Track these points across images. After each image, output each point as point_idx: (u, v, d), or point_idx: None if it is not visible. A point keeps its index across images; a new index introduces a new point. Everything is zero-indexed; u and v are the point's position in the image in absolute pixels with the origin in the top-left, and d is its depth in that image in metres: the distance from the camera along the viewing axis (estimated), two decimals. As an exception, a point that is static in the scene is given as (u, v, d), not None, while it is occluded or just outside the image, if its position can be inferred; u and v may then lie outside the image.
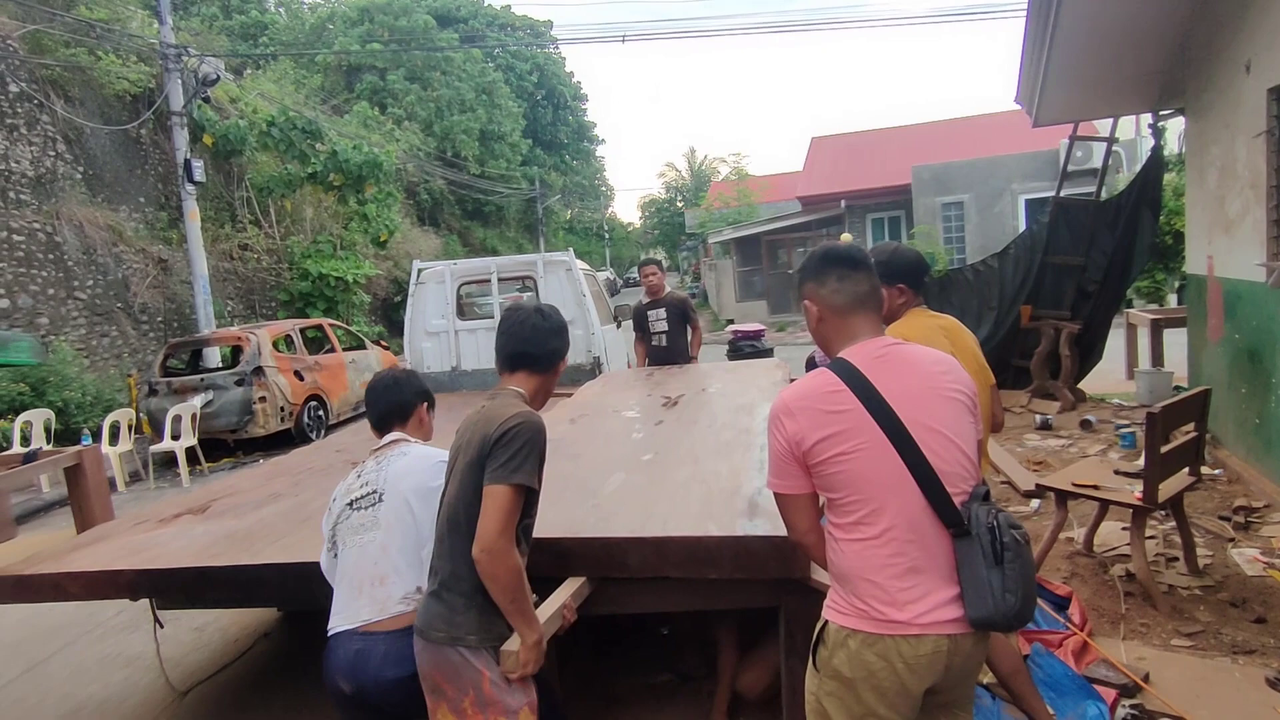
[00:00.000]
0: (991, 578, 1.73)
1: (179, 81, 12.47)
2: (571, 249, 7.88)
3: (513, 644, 2.05)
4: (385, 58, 27.94)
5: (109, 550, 3.05)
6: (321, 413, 10.72)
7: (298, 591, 2.72)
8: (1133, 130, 16.28)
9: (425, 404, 2.60)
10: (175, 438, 8.87)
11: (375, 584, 2.25)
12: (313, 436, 10.26)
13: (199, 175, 12.56)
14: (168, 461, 9.31)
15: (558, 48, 41.10)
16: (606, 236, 53.79)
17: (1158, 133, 7.13)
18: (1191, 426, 3.96)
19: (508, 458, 2.01)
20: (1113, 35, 6.03)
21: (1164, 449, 3.54)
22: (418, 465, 2.36)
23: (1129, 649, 3.28)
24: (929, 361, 1.92)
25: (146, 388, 9.88)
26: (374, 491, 2.33)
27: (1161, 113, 7.06)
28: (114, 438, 8.93)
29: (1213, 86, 5.53)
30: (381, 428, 2.54)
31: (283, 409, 9.88)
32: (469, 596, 2.05)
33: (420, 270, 7.06)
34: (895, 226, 19.54)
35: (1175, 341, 8.22)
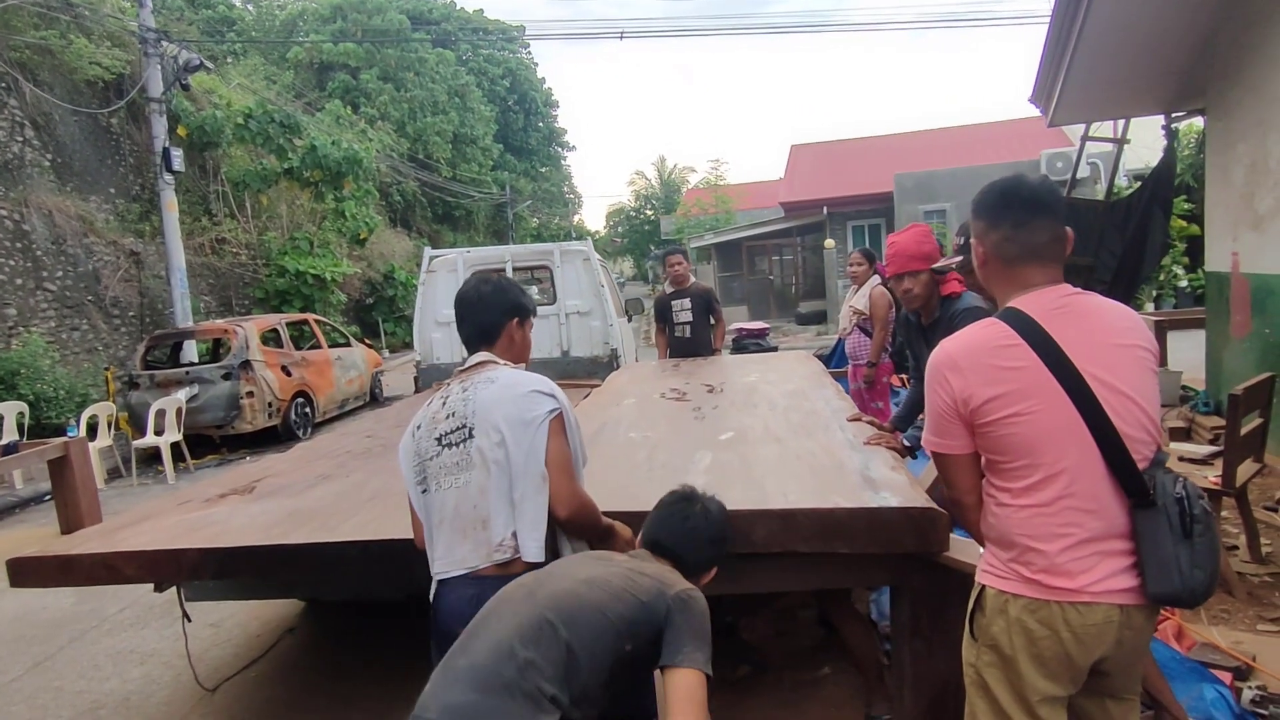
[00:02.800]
0: (1179, 552, 1.59)
1: (158, 67, 12.03)
2: (590, 239, 7.71)
3: None
4: (359, 56, 27.48)
5: (162, 529, 2.81)
6: (308, 410, 10.37)
7: (379, 571, 2.53)
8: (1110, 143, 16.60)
9: (516, 319, 2.32)
10: (158, 433, 8.48)
11: (478, 527, 2.06)
12: (299, 434, 9.93)
13: (178, 164, 12.11)
14: (148, 458, 8.90)
15: (530, 53, 40.96)
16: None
17: (1170, 134, 7.21)
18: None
19: (700, 640, 1.73)
20: (1137, 36, 6.07)
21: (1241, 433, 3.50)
22: (507, 394, 2.11)
23: (1221, 634, 3.21)
24: (1114, 314, 1.76)
25: (127, 380, 9.45)
26: (463, 425, 2.11)
27: (1174, 114, 7.14)
28: (92, 433, 8.50)
29: (1241, 83, 5.58)
30: (470, 346, 2.32)
31: (270, 405, 9.53)
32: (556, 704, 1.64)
33: (432, 258, 6.81)
34: (876, 234, 19.70)
35: (1177, 345, 8.33)
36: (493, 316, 2.28)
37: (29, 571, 2.63)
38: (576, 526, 2.11)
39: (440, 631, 2.11)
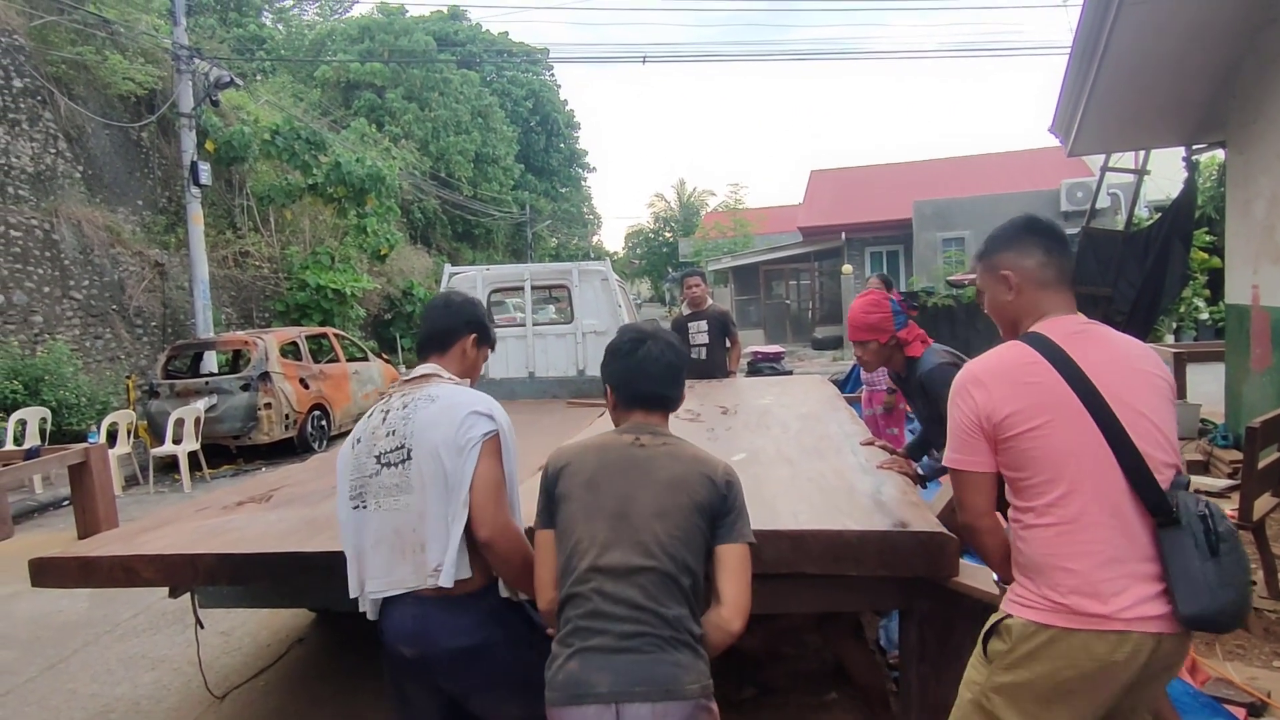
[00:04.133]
0: (1206, 571, 1.59)
1: (189, 84, 12.29)
2: (608, 259, 7.77)
3: None
4: (385, 76, 27.90)
5: (180, 534, 2.85)
6: (325, 423, 10.46)
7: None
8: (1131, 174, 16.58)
9: (474, 335, 2.25)
10: (176, 441, 8.58)
11: (417, 550, 2.01)
12: (315, 447, 10.01)
13: (205, 178, 12.32)
14: (165, 466, 9.01)
15: (553, 75, 41.41)
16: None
17: (1191, 166, 7.20)
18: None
19: (745, 515, 1.89)
20: (1158, 69, 6.10)
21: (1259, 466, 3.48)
22: (446, 417, 2.02)
23: (1235, 670, 3.18)
24: (1129, 344, 1.82)
25: (148, 389, 9.58)
26: (402, 446, 2.04)
27: (1196, 146, 7.13)
28: (111, 440, 8.60)
29: (1264, 117, 5.58)
30: (421, 353, 2.24)
31: (287, 416, 9.62)
32: (700, 640, 1.81)
33: (451, 275, 6.88)
34: (894, 260, 19.72)
35: (1196, 378, 8.26)
36: (452, 323, 2.23)
37: (50, 571, 2.68)
38: (498, 554, 1.99)
39: (387, 651, 2.09)
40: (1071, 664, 1.65)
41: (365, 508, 2.08)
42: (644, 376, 2.00)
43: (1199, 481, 4.53)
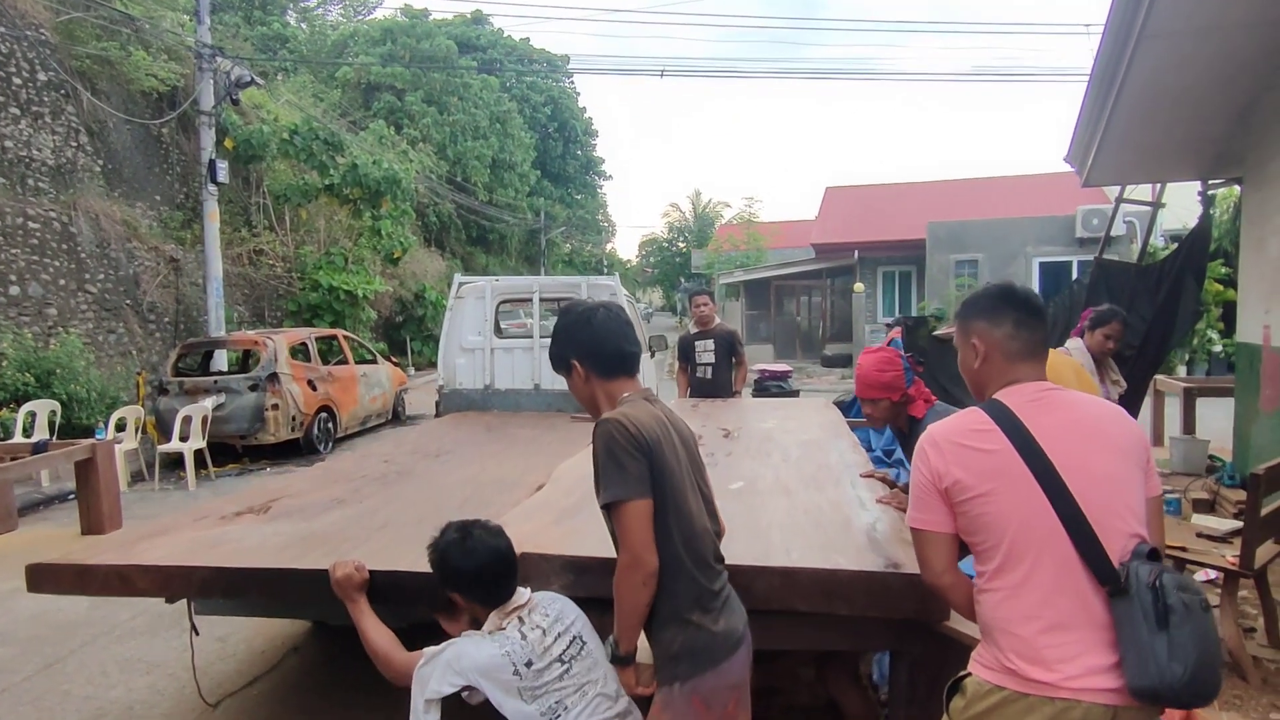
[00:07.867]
0: (1155, 643, 1.57)
1: (211, 82, 12.40)
2: (618, 274, 7.78)
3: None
4: (405, 79, 28.08)
5: (177, 544, 2.86)
6: (331, 425, 10.49)
7: (381, 600, 2.55)
8: (1146, 206, 16.47)
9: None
10: (183, 439, 8.63)
11: (611, 701, 2.19)
12: (320, 449, 10.05)
13: (223, 176, 12.42)
14: (171, 463, 9.06)
15: (573, 82, 41.60)
16: (605, 272, 53.81)
17: (1206, 201, 7.15)
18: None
19: None
20: (1176, 104, 6.05)
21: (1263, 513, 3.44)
22: (570, 607, 2.34)
23: (1231, 721, 3.14)
24: (1093, 407, 1.83)
25: (157, 385, 9.64)
26: (575, 638, 2.24)
27: (1212, 181, 7.09)
28: (119, 435, 8.67)
29: None
30: (506, 591, 2.31)
31: (294, 418, 9.66)
32: None
33: (460, 284, 6.89)
34: (906, 281, 19.67)
35: (1207, 413, 8.20)
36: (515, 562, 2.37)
37: (46, 578, 2.70)
38: None
39: None
40: None
41: (570, 709, 2.14)
42: (618, 336, 2.09)
43: (1202, 523, 4.48)
